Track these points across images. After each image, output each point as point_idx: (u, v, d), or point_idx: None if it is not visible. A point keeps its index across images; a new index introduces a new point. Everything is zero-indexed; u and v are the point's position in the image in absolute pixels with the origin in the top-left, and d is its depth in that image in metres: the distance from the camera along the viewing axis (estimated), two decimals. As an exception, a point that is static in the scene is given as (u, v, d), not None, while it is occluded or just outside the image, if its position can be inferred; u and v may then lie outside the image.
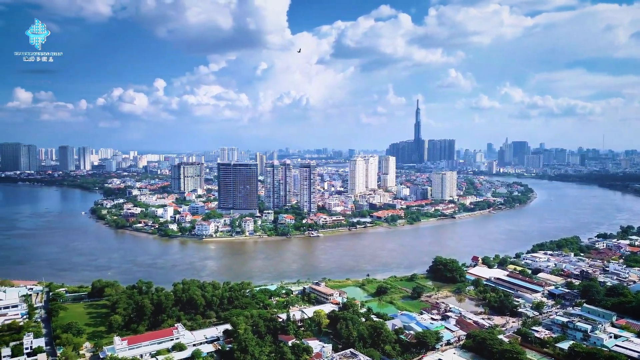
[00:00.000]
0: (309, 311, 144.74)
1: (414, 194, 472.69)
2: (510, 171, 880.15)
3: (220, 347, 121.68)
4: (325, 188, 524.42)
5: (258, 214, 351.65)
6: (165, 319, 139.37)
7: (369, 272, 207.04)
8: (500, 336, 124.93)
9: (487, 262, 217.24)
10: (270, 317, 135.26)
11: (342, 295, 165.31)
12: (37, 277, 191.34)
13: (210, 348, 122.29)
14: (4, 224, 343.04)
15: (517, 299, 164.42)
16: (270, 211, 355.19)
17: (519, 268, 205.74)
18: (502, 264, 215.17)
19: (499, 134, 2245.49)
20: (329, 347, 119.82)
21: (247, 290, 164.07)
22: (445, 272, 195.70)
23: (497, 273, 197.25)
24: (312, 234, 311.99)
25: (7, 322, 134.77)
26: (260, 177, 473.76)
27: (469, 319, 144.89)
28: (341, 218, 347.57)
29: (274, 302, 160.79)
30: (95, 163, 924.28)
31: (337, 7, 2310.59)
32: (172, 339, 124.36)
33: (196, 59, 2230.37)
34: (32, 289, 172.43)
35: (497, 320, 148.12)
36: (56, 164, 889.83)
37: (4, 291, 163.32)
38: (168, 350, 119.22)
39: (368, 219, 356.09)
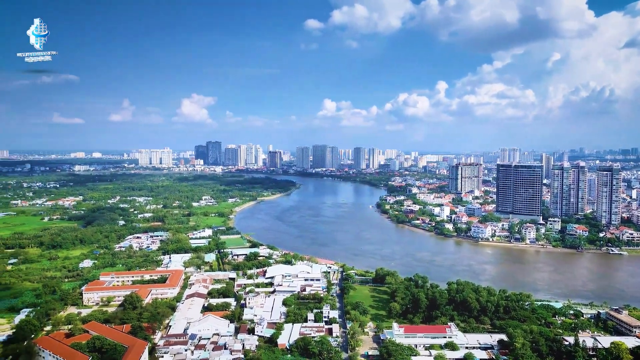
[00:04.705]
0: (604, 340, 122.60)
1: None
2: None
3: (494, 357, 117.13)
4: (634, 197, 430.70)
5: (541, 221, 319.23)
6: (438, 316, 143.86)
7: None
8: None
9: None
10: (553, 337, 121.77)
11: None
12: (334, 257, 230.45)
13: (483, 355, 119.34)
14: (313, 211, 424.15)
15: None
16: (556, 219, 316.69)
17: None
18: None
19: None
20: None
21: (527, 303, 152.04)
22: None
23: None
24: (613, 250, 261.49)
25: (312, 292, 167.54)
26: (545, 181, 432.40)
27: None
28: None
29: (559, 322, 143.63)
30: (382, 162, 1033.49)
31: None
32: (445, 337, 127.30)
33: (479, 58, 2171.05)
34: (330, 267, 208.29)
35: None
36: (351, 163, 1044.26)
37: (311, 266, 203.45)
38: (440, 347, 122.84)
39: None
